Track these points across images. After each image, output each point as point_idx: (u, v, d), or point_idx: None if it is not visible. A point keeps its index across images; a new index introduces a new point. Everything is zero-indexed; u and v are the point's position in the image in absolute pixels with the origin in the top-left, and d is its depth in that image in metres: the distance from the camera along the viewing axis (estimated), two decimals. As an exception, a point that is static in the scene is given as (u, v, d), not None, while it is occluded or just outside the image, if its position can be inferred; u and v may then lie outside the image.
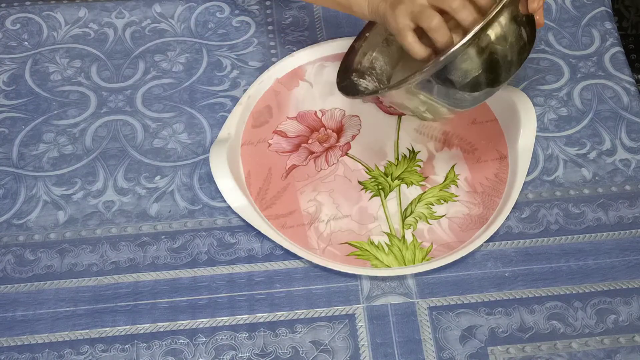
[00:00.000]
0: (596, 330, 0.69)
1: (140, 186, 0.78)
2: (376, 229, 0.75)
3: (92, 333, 0.69)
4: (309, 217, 0.76)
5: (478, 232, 0.74)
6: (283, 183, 0.78)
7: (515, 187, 0.76)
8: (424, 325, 0.69)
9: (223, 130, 0.80)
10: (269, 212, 0.76)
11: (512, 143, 0.80)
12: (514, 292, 0.71)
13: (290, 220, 0.75)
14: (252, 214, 0.74)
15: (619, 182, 0.78)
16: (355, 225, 0.75)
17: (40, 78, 0.87)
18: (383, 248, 0.74)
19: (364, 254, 0.73)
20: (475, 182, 0.78)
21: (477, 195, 0.77)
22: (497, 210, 0.75)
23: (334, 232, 0.75)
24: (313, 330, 0.69)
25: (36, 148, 0.81)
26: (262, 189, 0.78)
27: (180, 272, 0.73)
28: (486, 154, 0.80)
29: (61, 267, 0.73)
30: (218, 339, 0.69)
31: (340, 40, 0.87)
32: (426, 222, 0.75)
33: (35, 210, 0.76)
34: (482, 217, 0.76)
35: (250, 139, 0.81)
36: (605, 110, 0.84)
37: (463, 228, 0.75)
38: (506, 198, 0.76)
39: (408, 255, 0.73)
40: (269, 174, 0.79)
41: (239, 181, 0.77)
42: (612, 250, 0.74)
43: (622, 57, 0.88)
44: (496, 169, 0.79)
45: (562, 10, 0.93)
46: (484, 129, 0.82)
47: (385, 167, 0.79)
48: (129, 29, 0.91)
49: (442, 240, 0.74)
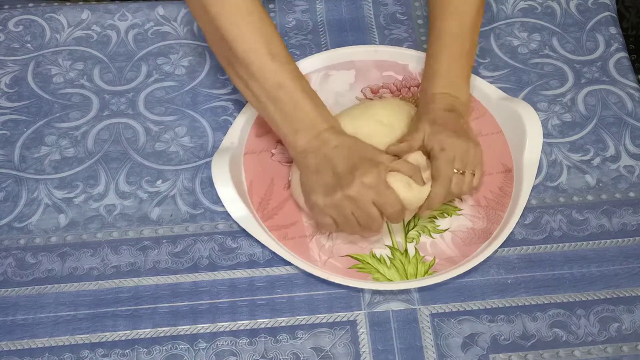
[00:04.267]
0: (599, 339, 0.68)
1: (141, 190, 0.78)
2: (378, 242, 0.74)
3: (92, 337, 0.69)
4: (310, 229, 0.75)
5: (481, 246, 0.73)
6: (285, 194, 0.77)
7: (519, 202, 0.75)
8: (426, 332, 0.69)
9: (226, 139, 0.80)
10: (271, 223, 0.75)
11: (517, 156, 0.79)
12: (517, 299, 0.71)
13: (292, 232, 0.74)
14: (253, 225, 0.74)
15: (623, 188, 0.78)
16: (357, 238, 0.74)
17: (43, 80, 0.87)
18: (385, 261, 0.73)
19: (366, 267, 0.72)
20: (479, 196, 0.77)
21: (481, 209, 0.76)
22: (502, 225, 0.74)
23: (336, 245, 0.74)
24: (314, 337, 0.69)
25: (38, 151, 0.81)
26: (264, 199, 0.77)
27: (181, 276, 0.72)
28: (491, 167, 0.79)
29: (62, 271, 0.73)
30: (219, 344, 0.68)
31: (347, 49, 0.87)
32: (429, 236, 0.75)
33: (37, 214, 0.76)
34: (486, 231, 0.75)
35: (253, 149, 0.80)
36: (610, 116, 0.83)
37: (466, 242, 0.74)
38: (510, 212, 0.75)
39: (410, 269, 0.72)
40: (272, 184, 0.78)
41: (241, 190, 0.76)
42: (615, 257, 0.73)
43: (627, 62, 0.88)
44: (501, 182, 0.78)
45: (567, 15, 0.92)
46: (489, 142, 0.80)
47: None
48: (132, 31, 0.91)
49: (445, 254, 0.73)
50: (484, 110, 0.83)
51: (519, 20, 0.92)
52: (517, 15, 0.92)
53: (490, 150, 0.80)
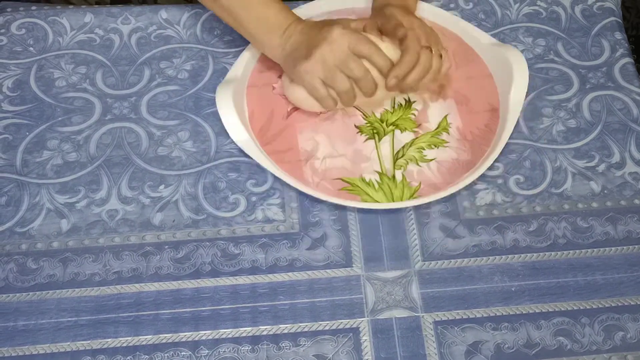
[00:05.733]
0: (604, 347, 0.68)
1: (144, 195, 0.77)
2: (368, 167, 0.79)
3: (93, 344, 0.68)
4: (306, 154, 0.80)
5: (464, 175, 0.77)
6: (284, 123, 0.82)
7: (502, 137, 0.79)
8: (429, 340, 0.68)
9: (231, 72, 0.84)
10: (269, 148, 0.80)
11: (504, 97, 0.83)
12: (521, 307, 0.70)
13: (288, 156, 0.79)
14: (253, 148, 0.78)
15: (628, 195, 0.77)
16: (348, 164, 0.79)
17: (45, 84, 0.86)
18: (373, 185, 0.77)
19: (355, 189, 0.77)
20: (466, 131, 0.82)
21: (467, 142, 0.81)
22: (484, 157, 0.79)
23: (328, 169, 0.79)
24: (317, 344, 0.68)
25: (40, 155, 0.81)
26: (264, 127, 0.82)
27: (184, 282, 0.72)
28: (478, 105, 0.84)
29: (63, 277, 0.72)
30: (220, 351, 0.68)
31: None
32: (416, 164, 0.79)
33: (39, 218, 0.76)
34: (470, 162, 0.79)
35: (256, 82, 0.85)
36: (615, 123, 0.83)
37: (451, 171, 0.79)
38: (493, 146, 0.79)
39: (397, 193, 0.77)
40: (272, 114, 0.83)
41: (243, 119, 0.81)
42: (620, 265, 0.73)
43: (632, 68, 0.87)
44: (487, 120, 0.82)
45: (572, 20, 0.92)
46: (479, 84, 0.85)
47: (381, 114, 0.83)
48: (135, 35, 0.90)
49: (430, 180, 0.78)
50: (475, 55, 0.88)
51: (524, 25, 0.91)
52: (522, 20, 0.92)
53: (480, 92, 0.85)
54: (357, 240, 0.75)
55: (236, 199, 0.77)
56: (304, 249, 0.74)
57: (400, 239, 0.75)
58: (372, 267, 0.73)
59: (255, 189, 0.78)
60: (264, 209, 0.77)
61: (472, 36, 0.88)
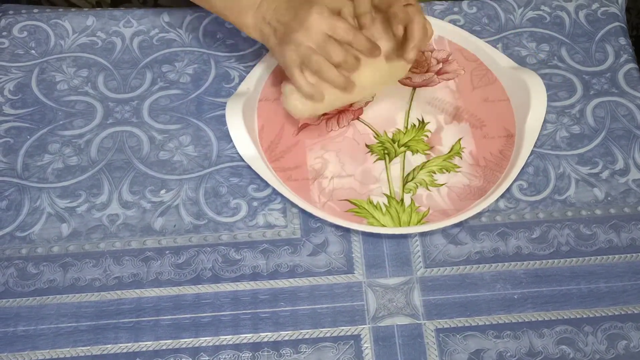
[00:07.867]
0: (607, 356, 0.67)
1: (145, 199, 0.77)
2: (377, 189, 0.78)
3: (93, 350, 0.68)
4: (313, 173, 0.79)
5: (475, 202, 0.76)
6: (294, 139, 0.81)
7: (517, 164, 0.77)
8: (431, 348, 0.68)
9: (243, 85, 0.83)
10: (277, 165, 0.79)
11: (521, 123, 0.81)
12: (523, 315, 0.70)
13: (296, 174, 0.78)
14: (260, 165, 0.78)
15: (632, 203, 0.77)
16: (357, 185, 0.78)
17: (47, 87, 0.86)
18: (381, 208, 0.76)
19: (362, 212, 0.76)
20: (479, 156, 0.80)
21: (480, 168, 0.79)
22: (497, 184, 0.77)
23: (336, 189, 0.77)
24: (318, 351, 0.68)
25: (41, 159, 0.80)
26: (273, 142, 0.81)
27: (184, 288, 0.72)
28: (494, 130, 0.82)
29: (64, 282, 0.72)
30: (221, 357, 0.68)
31: None
32: (426, 189, 0.78)
33: (39, 223, 0.76)
34: (481, 189, 0.77)
35: (268, 96, 0.84)
36: (619, 129, 0.82)
37: (461, 197, 0.77)
38: (507, 174, 0.77)
39: (404, 217, 0.75)
40: (282, 130, 0.82)
41: (252, 133, 0.80)
42: (624, 273, 0.72)
43: (636, 74, 0.87)
44: (502, 145, 0.81)
45: (576, 25, 0.91)
46: (495, 108, 0.84)
47: (393, 134, 0.82)
48: (137, 38, 0.90)
49: (439, 206, 0.76)
50: (493, 78, 0.86)
51: (528, 30, 0.91)
52: (526, 25, 0.91)
53: (496, 116, 0.83)
54: (359, 246, 0.74)
55: (237, 204, 0.77)
56: (305, 255, 0.74)
57: (402, 246, 0.74)
58: (374, 274, 0.73)
59: (257, 194, 0.78)
60: (265, 215, 0.76)
61: (491, 58, 0.87)
